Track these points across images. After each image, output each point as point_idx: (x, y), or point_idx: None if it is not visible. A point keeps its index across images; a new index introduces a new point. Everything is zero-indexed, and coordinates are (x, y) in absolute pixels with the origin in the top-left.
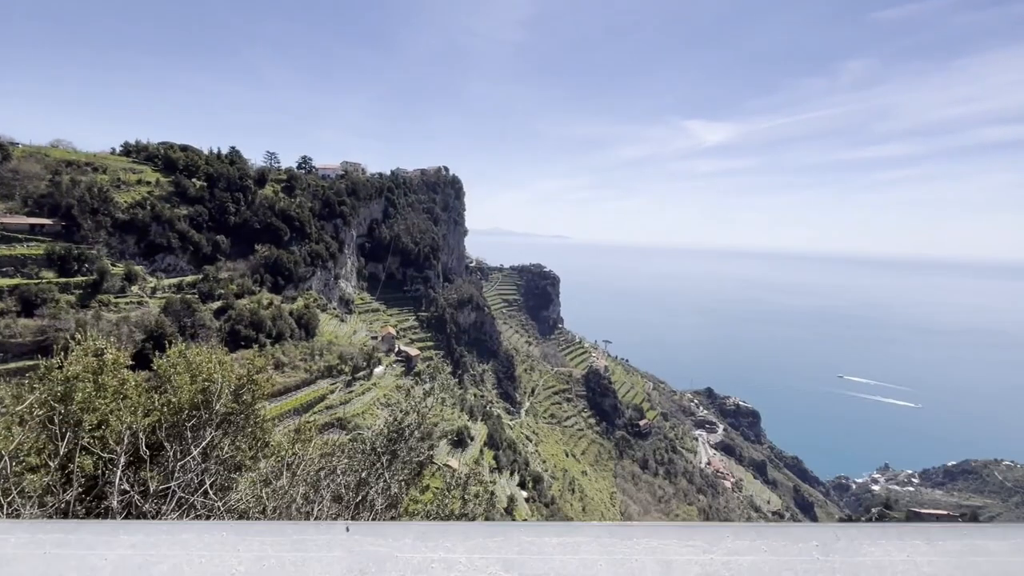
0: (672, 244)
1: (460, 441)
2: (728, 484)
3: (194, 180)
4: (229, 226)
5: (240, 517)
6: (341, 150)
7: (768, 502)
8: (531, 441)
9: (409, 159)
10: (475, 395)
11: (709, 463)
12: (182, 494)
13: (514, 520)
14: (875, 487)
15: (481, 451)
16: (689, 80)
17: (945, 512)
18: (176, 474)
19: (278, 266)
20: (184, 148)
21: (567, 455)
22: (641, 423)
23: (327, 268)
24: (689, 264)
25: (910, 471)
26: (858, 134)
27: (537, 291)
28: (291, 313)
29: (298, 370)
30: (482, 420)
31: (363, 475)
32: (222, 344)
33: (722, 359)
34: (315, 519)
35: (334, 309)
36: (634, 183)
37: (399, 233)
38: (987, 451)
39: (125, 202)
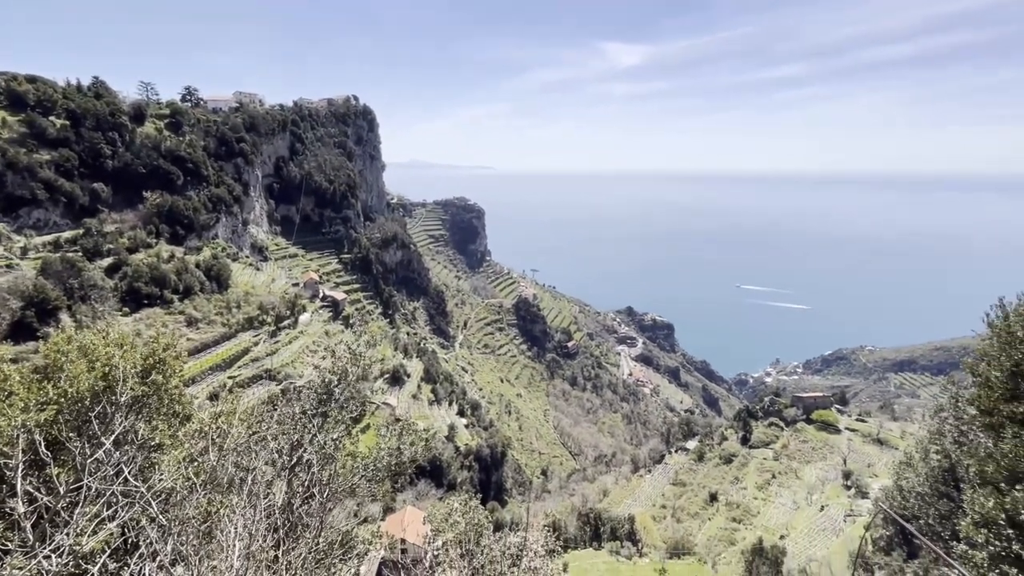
0: (594, 171)
1: (397, 379)
2: (647, 391)
3: (52, 119)
4: (107, 171)
5: (167, 499)
6: (232, 78)
7: (681, 402)
8: (467, 371)
9: (313, 88)
10: (408, 333)
11: (631, 374)
12: (98, 486)
13: (455, 445)
14: (768, 379)
15: (419, 386)
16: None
17: (820, 394)
18: (88, 467)
19: (174, 214)
20: (32, 79)
21: (502, 381)
22: (569, 344)
23: (233, 213)
24: (610, 190)
25: (795, 363)
26: (762, 56)
27: (463, 225)
28: (198, 265)
29: (215, 325)
30: (417, 357)
31: (296, 438)
32: (121, 304)
33: (641, 279)
34: (251, 485)
35: (247, 257)
36: (555, 109)
37: (310, 171)
38: (855, 339)
39: None
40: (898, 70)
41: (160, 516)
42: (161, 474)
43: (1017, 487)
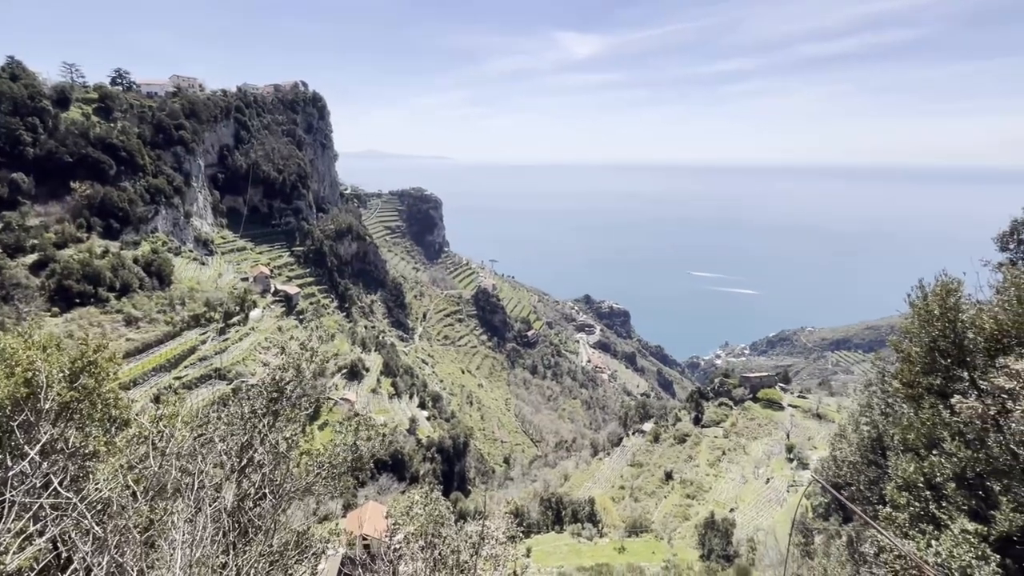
0: (552, 161)
1: (355, 373)
2: (605, 376)
3: None
4: (28, 160)
5: (103, 509)
6: (168, 61)
7: (637, 386)
8: (427, 364)
9: (260, 73)
10: (366, 326)
11: (589, 361)
12: (23, 499)
13: (416, 437)
14: (718, 361)
15: (378, 380)
16: None
17: (766, 374)
18: (11, 480)
19: (107, 206)
20: None
21: (463, 372)
22: (529, 333)
23: (173, 205)
24: (568, 180)
25: (743, 345)
26: (710, 48)
27: (420, 215)
28: (136, 260)
29: (157, 323)
30: (376, 350)
31: (246, 439)
32: (49, 304)
33: (598, 267)
34: (197, 490)
35: (190, 252)
36: (513, 98)
37: (258, 160)
38: (797, 321)
39: None
40: (838, 64)
41: (96, 528)
42: (96, 483)
43: (934, 452)
